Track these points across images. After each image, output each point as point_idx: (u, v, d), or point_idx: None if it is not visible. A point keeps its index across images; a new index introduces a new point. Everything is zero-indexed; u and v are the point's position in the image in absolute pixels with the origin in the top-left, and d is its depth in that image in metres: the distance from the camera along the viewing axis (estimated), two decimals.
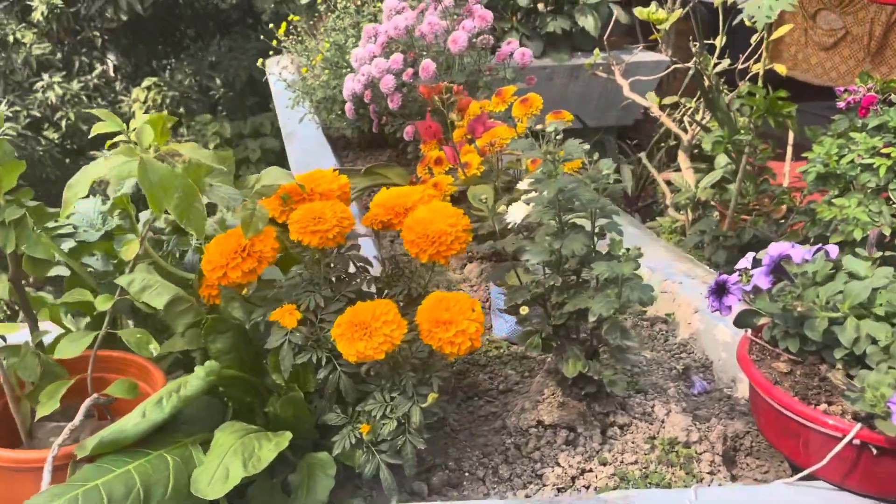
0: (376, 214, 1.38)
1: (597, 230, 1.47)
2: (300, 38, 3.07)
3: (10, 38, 7.76)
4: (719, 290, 1.48)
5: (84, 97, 7.69)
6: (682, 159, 3.62)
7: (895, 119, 2.86)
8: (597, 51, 3.68)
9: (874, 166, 2.72)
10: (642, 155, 4.20)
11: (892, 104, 3.08)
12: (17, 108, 7.30)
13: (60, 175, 7.37)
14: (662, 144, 4.63)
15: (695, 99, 3.71)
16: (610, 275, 1.32)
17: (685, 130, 3.43)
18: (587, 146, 1.49)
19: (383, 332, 1.19)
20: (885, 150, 2.75)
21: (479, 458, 1.53)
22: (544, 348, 1.55)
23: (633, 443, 1.52)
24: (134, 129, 1.08)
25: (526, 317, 1.48)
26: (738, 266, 1.52)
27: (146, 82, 7.64)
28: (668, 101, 3.54)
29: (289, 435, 1.21)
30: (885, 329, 1.27)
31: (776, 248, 1.40)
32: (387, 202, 1.39)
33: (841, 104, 3.13)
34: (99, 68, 8.18)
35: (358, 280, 1.40)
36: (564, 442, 1.53)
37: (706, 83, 3.24)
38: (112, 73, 8.42)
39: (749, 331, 1.50)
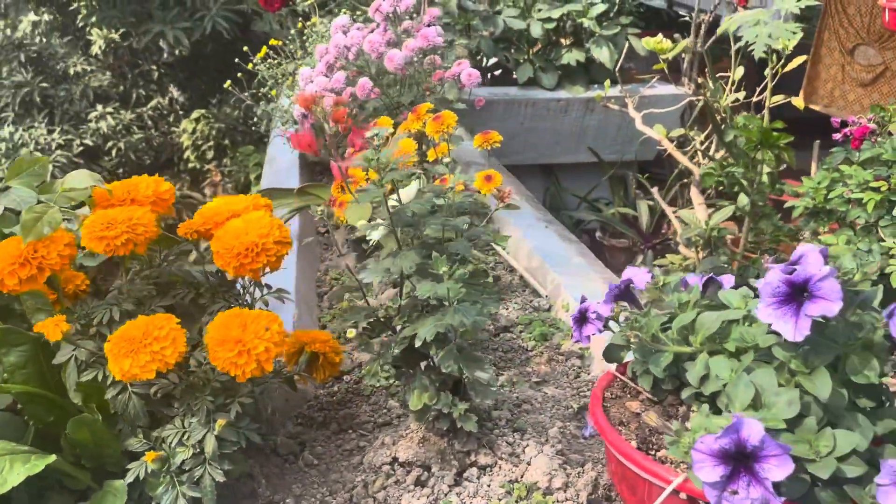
0: (192, 224, 1.29)
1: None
2: (278, 62, 3.03)
3: (71, 71, 8.04)
4: (581, 319, 1.33)
5: (136, 128, 7.88)
6: (695, 195, 3.44)
7: (889, 151, 2.66)
8: (608, 82, 3.55)
9: (863, 201, 2.53)
10: (655, 189, 4.01)
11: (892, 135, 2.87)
12: (71, 137, 7.53)
13: None
14: (685, 180, 4.45)
15: (705, 133, 3.54)
16: (432, 295, 1.19)
17: (698, 165, 3.26)
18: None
19: (152, 349, 1.09)
20: (874, 184, 2.55)
21: (323, 497, 1.40)
22: (399, 377, 1.43)
23: (488, 486, 1.37)
24: None
25: (367, 343, 1.36)
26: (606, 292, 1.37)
27: (195, 114, 7.80)
28: (674, 133, 3.39)
29: (51, 458, 1.11)
30: (732, 365, 1.10)
31: (628, 274, 1.25)
32: (207, 211, 1.30)
33: (837, 136, 2.93)
34: (155, 100, 8.39)
35: (177, 294, 1.30)
36: (415, 482, 1.39)
37: (718, 117, 3.08)
38: (168, 105, 8.62)
39: (616, 366, 1.34)
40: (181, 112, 8.58)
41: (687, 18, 4.14)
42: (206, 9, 6.81)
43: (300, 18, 3.21)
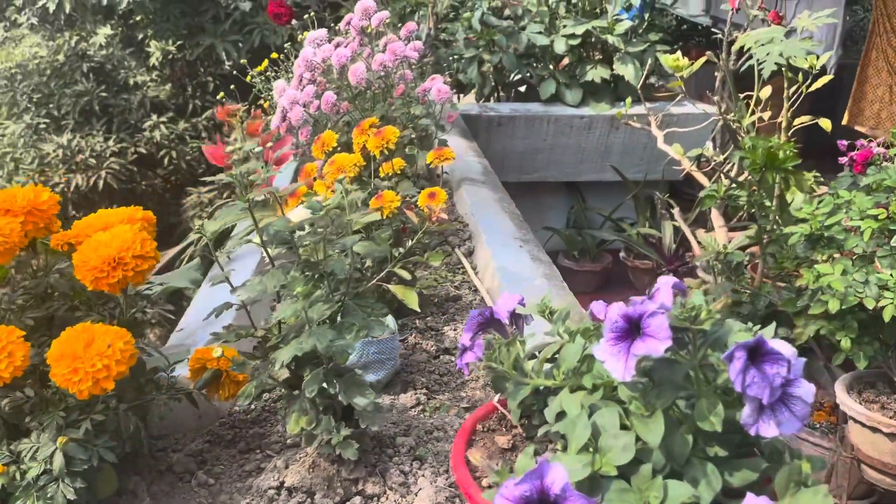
0: (65, 235, 1.27)
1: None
2: (276, 75, 3.03)
3: (131, 82, 8.27)
4: (464, 349, 1.27)
5: (188, 137, 8.05)
6: (715, 217, 3.34)
7: (893, 177, 2.52)
8: (629, 100, 3.46)
9: (861, 229, 2.40)
10: (676, 210, 3.89)
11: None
12: (125, 145, 7.72)
13: (160, 209, 7.71)
14: None
15: (725, 153, 3.42)
16: (283, 318, 1.15)
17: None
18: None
19: None
20: (872, 212, 2.42)
21: None
22: (285, 399, 1.38)
23: None
24: None
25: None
26: None
27: None
28: (693, 153, 3.29)
29: None
30: (583, 400, 1.03)
31: (501, 302, 1.19)
32: (82, 223, 1.28)
33: (843, 160, 2.80)
34: (210, 111, 8.56)
35: (50, 305, 1.28)
36: None
37: (740, 137, 2.98)
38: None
39: (498, 397, 1.27)
40: None
41: (719, 35, 4.02)
42: (255, 23, 6.92)
43: (299, 31, 3.22)
